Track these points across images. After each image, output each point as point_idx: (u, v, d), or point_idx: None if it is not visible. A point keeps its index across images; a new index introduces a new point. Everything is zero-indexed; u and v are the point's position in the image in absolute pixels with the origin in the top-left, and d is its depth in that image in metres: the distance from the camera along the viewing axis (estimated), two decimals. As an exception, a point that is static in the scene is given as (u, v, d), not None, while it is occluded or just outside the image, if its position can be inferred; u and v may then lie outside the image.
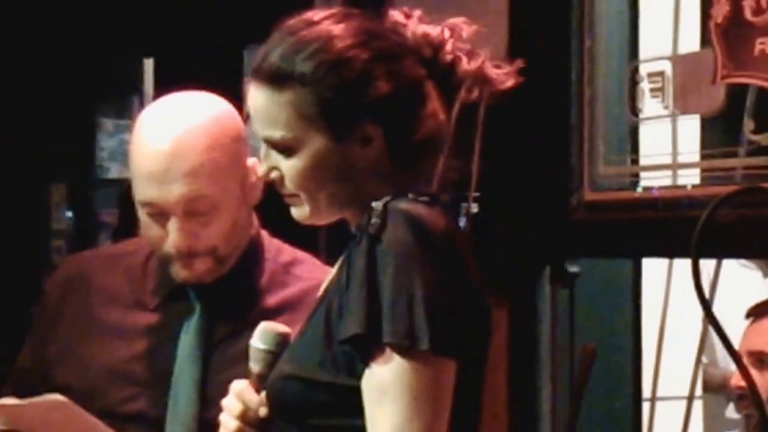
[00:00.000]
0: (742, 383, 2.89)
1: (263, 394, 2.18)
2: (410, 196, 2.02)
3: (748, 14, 3.07)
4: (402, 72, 2.07)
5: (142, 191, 2.40)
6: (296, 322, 2.37)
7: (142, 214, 2.42)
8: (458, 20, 2.14)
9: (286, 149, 2.10)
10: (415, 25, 2.11)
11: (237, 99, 4.71)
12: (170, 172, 2.38)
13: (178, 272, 2.44)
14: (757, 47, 3.05)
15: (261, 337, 2.23)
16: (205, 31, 4.46)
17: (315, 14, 2.12)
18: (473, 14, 2.14)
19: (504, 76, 2.13)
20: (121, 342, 2.45)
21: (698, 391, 3.91)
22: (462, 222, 2.23)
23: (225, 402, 2.23)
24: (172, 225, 2.38)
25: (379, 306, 1.92)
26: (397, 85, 2.06)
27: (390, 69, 2.06)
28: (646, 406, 3.80)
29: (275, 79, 2.08)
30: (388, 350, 1.92)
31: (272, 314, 2.41)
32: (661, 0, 3.51)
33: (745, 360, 2.95)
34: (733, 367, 3.57)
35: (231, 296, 2.48)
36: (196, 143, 2.40)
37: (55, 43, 5.29)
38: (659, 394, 3.71)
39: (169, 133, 2.41)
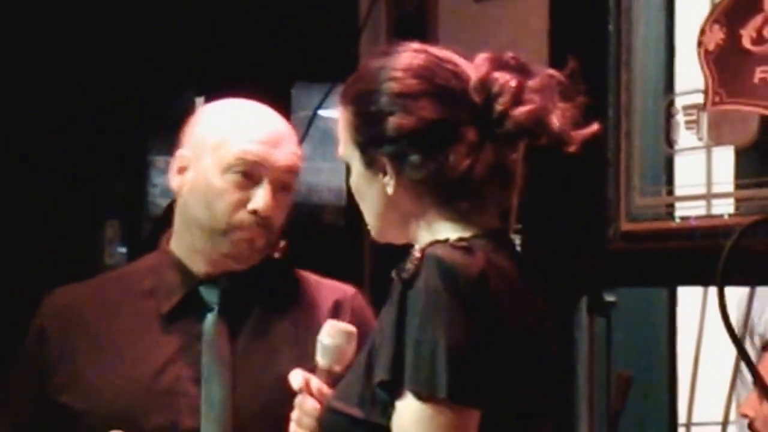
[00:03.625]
0: (748, 411, 2.91)
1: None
2: (451, 240, 2.00)
3: (746, 43, 3.09)
4: (423, 113, 2.03)
5: (249, 148, 2.36)
6: (306, 325, 2.42)
7: (220, 182, 2.36)
8: (548, 71, 2.06)
9: (348, 165, 2.14)
10: (483, 68, 2.05)
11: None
12: (285, 139, 2.40)
13: (239, 242, 2.40)
14: (758, 75, 3.06)
15: (328, 333, 2.24)
16: (254, 69, 4.50)
17: (392, 47, 2.13)
18: (513, 48, 2.08)
19: (571, 132, 2.05)
20: (142, 359, 2.41)
21: (732, 416, 3.88)
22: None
23: (298, 402, 2.22)
24: (264, 189, 2.36)
25: (404, 352, 1.93)
26: (415, 127, 2.03)
27: (412, 107, 2.03)
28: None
29: (339, 99, 2.13)
30: (409, 395, 1.91)
31: (290, 315, 2.45)
32: (695, 35, 3.46)
33: (754, 392, 2.95)
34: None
35: (250, 295, 2.46)
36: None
37: (109, 82, 5.26)
38: (694, 419, 3.69)
39: (265, 111, 2.44)
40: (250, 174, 2.35)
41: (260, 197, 2.35)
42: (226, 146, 2.35)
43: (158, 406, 2.33)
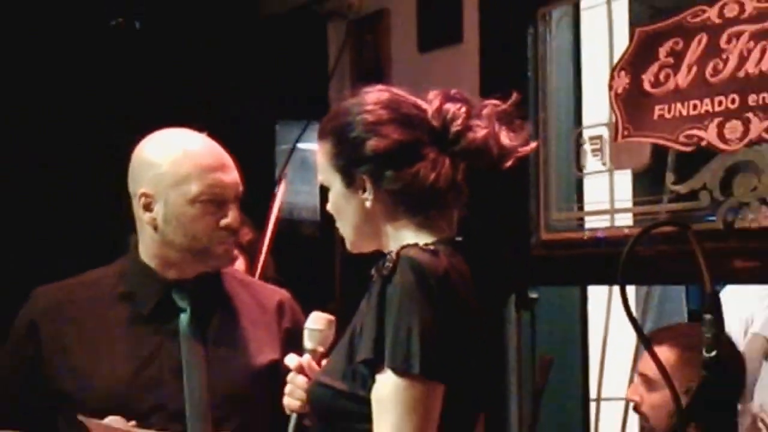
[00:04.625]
0: (634, 397, 2.87)
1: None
2: (420, 245, 2.00)
3: (647, 86, 3.09)
4: (394, 136, 2.07)
5: (207, 181, 2.33)
6: (261, 322, 2.47)
7: (188, 211, 2.33)
8: (488, 102, 2.12)
9: (326, 189, 2.16)
10: (436, 102, 2.10)
11: (271, 165, 4.78)
12: (226, 164, 2.39)
13: (221, 254, 2.41)
14: (656, 113, 3.06)
15: (313, 321, 2.27)
16: (245, 110, 4.51)
17: (359, 89, 2.17)
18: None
19: (515, 144, 2.11)
20: (124, 353, 2.37)
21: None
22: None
23: (290, 378, 2.23)
24: (230, 209, 2.36)
25: (384, 335, 1.94)
26: (388, 147, 2.06)
27: (383, 133, 2.07)
28: (592, 406, 3.78)
29: (318, 135, 2.18)
30: (388, 371, 1.93)
31: (245, 314, 2.48)
32: (598, 79, 3.51)
33: (636, 379, 2.90)
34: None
35: (212, 298, 2.45)
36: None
37: (121, 127, 4.76)
38: (603, 395, 3.69)
39: (202, 139, 2.41)
40: (214, 199, 2.35)
41: (229, 216, 2.37)
42: (188, 182, 2.34)
43: (146, 392, 2.32)
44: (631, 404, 2.89)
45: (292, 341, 2.37)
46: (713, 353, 1.53)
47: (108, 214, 3.19)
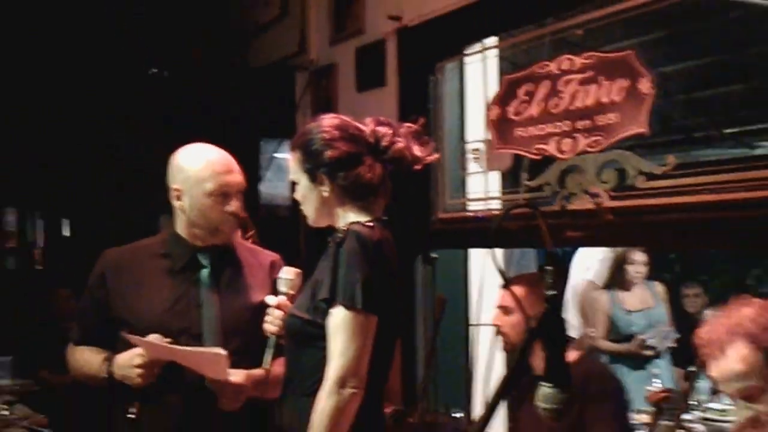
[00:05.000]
0: (497, 322, 2.81)
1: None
2: (362, 222, 2.03)
3: (510, 115, 3.10)
4: (348, 151, 2.08)
5: (218, 182, 2.31)
6: (258, 276, 2.42)
7: (205, 202, 2.32)
8: (405, 124, 2.15)
9: (295, 184, 2.17)
10: (370, 125, 2.12)
11: (256, 169, 4.72)
12: (233, 168, 2.36)
13: (225, 230, 2.38)
14: (516, 134, 3.08)
15: (285, 273, 2.31)
16: (236, 130, 4.41)
17: (318, 117, 2.17)
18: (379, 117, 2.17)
19: (424, 154, 2.14)
20: (160, 295, 2.35)
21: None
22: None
23: (269, 311, 2.27)
24: (234, 202, 2.34)
25: (337, 282, 1.97)
26: (340, 157, 2.08)
27: (341, 149, 2.08)
28: (472, 330, 3.76)
29: (290, 148, 2.18)
30: (340, 306, 1.95)
31: (248, 270, 2.43)
32: (477, 110, 3.55)
33: (498, 311, 2.83)
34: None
35: (225, 259, 2.42)
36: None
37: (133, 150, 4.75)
38: (479, 322, 3.67)
39: (218, 151, 2.37)
40: (224, 193, 2.33)
41: (233, 205, 2.36)
42: (206, 181, 2.32)
43: (177, 320, 2.30)
44: (495, 328, 2.87)
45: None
46: (552, 292, 1.53)
47: (148, 202, 3.22)
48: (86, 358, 2.40)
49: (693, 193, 2.55)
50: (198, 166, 2.33)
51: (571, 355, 2.73)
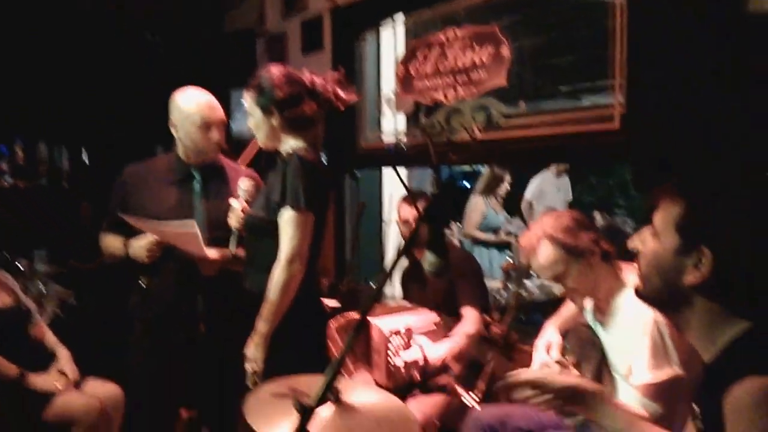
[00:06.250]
0: (405, 216, 2.71)
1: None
2: (303, 146, 1.98)
3: (412, 73, 3.06)
4: (291, 92, 2.00)
5: (203, 116, 2.24)
6: (235, 187, 2.29)
7: (193, 131, 2.25)
8: (333, 74, 2.06)
9: (252, 117, 2.05)
10: (308, 75, 2.03)
11: (228, 116, 4.53)
12: (215, 106, 2.30)
13: (209, 152, 2.30)
14: (417, 87, 3.02)
15: (243, 183, 2.21)
16: (207, 78, 4.27)
17: (268, 67, 2.03)
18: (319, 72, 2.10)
19: (347, 97, 2.06)
20: (164, 198, 2.30)
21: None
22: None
23: (231, 211, 2.18)
24: (215, 131, 2.27)
25: (286, 190, 1.91)
26: (286, 97, 2.00)
27: (286, 91, 2.00)
28: (384, 225, 3.76)
29: (248, 88, 2.06)
30: (288, 207, 1.91)
31: (230, 183, 2.36)
32: (389, 66, 3.50)
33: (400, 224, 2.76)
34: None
35: (213, 174, 2.38)
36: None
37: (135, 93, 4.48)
38: (389, 220, 3.68)
39: (204, 92, 2.30)
40: (208, 125, 2.26)
41: (214, 134, 2.29)
42: (195, 115, 2.25)
43: (176, 216, 2.24)
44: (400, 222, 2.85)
45: None
46: (435, 191, 1.56)
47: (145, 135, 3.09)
48: (111, 242, 2.35)
49: (536, 127, 2.61)
50: (188, 104, 2.26)
51: (449, 244, 2.80)
